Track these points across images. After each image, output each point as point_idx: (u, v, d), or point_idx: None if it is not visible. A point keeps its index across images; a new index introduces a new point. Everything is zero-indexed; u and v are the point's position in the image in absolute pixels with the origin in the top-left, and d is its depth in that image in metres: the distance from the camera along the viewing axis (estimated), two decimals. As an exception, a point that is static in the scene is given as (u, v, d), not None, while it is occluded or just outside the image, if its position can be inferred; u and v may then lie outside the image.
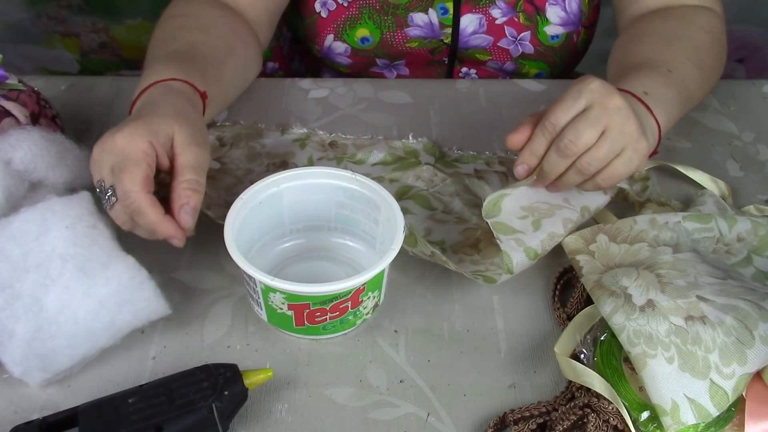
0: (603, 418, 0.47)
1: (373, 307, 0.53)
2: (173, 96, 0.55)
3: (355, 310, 0.51)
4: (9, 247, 0.50)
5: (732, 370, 0.46)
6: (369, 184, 0.55)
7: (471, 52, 0.83)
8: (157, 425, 0.44)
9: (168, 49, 0.63)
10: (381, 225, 0.56)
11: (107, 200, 0.50)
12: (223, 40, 0.67)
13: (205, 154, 0.53)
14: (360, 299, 0.50)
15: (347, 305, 0.50)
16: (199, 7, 0.69)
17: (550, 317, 0.56)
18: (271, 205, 0.56)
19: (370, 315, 0.54)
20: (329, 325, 0.52)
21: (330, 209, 0.58)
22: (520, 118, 0.75)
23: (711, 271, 0.53)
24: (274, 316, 0.51)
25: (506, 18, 0.79)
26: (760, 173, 0.70)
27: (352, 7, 0.79)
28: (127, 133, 0.49)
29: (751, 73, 1.55)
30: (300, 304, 0.49)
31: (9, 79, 0.63)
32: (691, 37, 0.68)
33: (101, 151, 0.50)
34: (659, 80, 0.62)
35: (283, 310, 0.50)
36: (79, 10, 1.43)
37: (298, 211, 0.58)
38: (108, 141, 0.50)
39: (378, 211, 0.55)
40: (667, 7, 0.73)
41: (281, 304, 0.49)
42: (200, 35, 0.66)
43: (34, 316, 0.48)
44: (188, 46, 0.64)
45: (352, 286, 0.48)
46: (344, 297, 0.49)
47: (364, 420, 0.49)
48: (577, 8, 0.80)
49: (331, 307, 0.49)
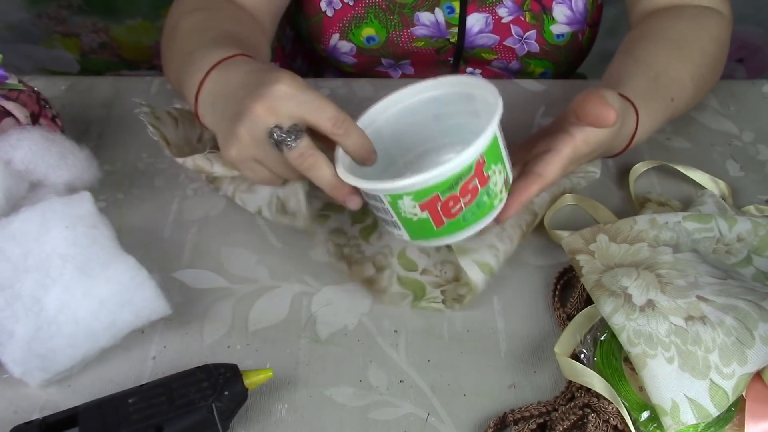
0: (603, 418, 0.47)
1: (504, 183, 0.51)
2: (252, 62, 0.55)
3: (486, 189, 0.49)
4: (9, 247, 0.50)
5: (732, 370, 0.46)
6: (453, 80, 0.53)
7: (477, 52, 0.83)
8: (157, 425, 0.44)
9: (209, 36, 0.62)
10: (480, 114, 0.54)
11: (291, 143, 0.50)
12: (252, 31, 0.68)
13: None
14: (485, 174, 0.48)
15: (476, 184, 0.48)
16: (215, 2, 0.69)
17: (550, 317, 0.56)
18: (377, 143, 0.53)
19: (504, 193, 0.52)
20: (468, 214, 0.49)
21: (429, 125, 0.56)
22: (520, 118, 0.75)
23: (711, 271, 0.53)
24: (413, 227, 0.50)
25: (513, 17, 0.79)
26: (760, 173, 0.70)
27: (358, 6, 0.79)
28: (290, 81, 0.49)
29: (751, 73, 1.55)
30: (430, 200, 0.47)
31: (9, 79, 0.63)
32: (700, 47, 0.68)
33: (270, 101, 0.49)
34: (663, 108, 0.63)
35: (418, 216, 0.49)
36: (79, 10, 1.43)
37: (402, 140, 0.56)
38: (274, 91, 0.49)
39: (473, 102, 0.54)
40: (679, 6, 0.73)
41: (413, 209, 0.48)
42: (234, 25, 0.66)
43: (34, 316, 0.48)
44: (228, 33, 0.63)
45: (469, 159, 0.46)
46: (468, 175, 0.47)
47: (364, 420, 0.49)
48: (583, 7, 0.80)
49: (460, 189, 0.47)
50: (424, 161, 0.58)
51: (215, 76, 0.55)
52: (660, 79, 0.63)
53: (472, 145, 0.46)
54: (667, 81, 0.64)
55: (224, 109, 0.53)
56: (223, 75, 0.55)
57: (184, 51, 0.62)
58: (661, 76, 0.64)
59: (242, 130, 0.50)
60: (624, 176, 0.68)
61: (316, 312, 0.56)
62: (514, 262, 0.60)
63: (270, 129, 0.50)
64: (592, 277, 0.54)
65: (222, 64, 0.56)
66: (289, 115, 0.49)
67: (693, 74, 0.66)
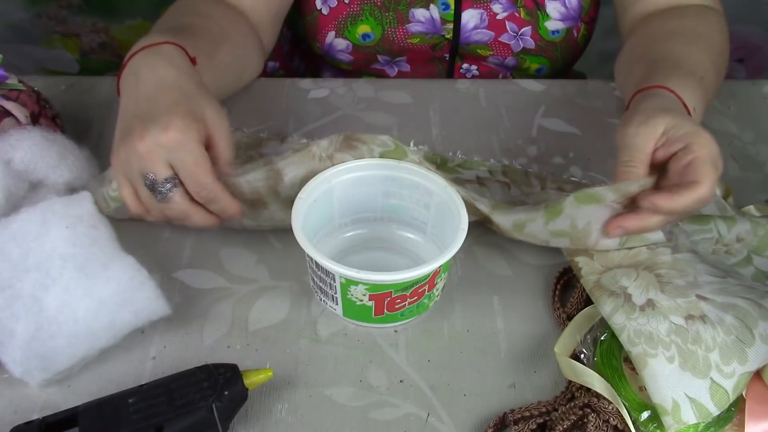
0: (603, 418, 0.47)
1: (443, 287, 0.54)
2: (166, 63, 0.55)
3: (431, 293, 0.53)
4: (9, 247, 0.50)
5: (732, 369, 0.46)
6: (419, 170, 0.55)
7: (472, 48, 0.83)
8: (157, 425, 0.44)
9: (162, 28, 0.63)
10: (433, 209, 0.56)
11: (164, 193, 0.51)
12: (218, 25, 0.68)
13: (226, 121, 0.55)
14: (435, 281, 0.52)
15: (425, 288, 0.51)
16: (203, 2, 0.70)
17: (550, 317, 0.56)
18: (324, 201, 0.56)
19: (440, 296, 0.55)
20: (407, 311, 0.53)
21: (377, 199, 0.59)
22: (520, 118, 0.75)
23: (710, 270, 0.53)
24: (352, 309, 0.52)
25: (507, 13, 0.80)
26: (760, 173, 0.70)
27: (353, 3, 0.79)
28: (181, 127, 0.50)
29: (751, 73, 1.55)
30: (382, 294, 0.50)
31: (9, 79, 0.63)
32: (711, 38, 0.69)
33: (153, 145, 0.50)
34: (695, 85, 0.62)
35: (363, 302, 0.51)
36: (79, 10, 1.43)
37: (347, 204, 0.58)
38: (160, 136, 0.49)
39: (429, 196, 0.56)
40: (675, 7, 0.73)
41: (362, 296, 0.50)
42: (197, 19, 0.66)
43: (34, 316, 0.48)
44: (182, 24, 0.64)
45: (433, 269, 0.49)
46: (424, 281, 0.50)
47: (364, 420, 0.49)
48: (576, 3, 0.80)
49: (411, 292, 0.50)
50: (359, 227, 0.61)
51: (133, 63, 0.55)
52: (683, 65, 0.63)
53: (443, 255, 0.49)
54: (699, 76, 0.63)
55: (124, 111, 0.54)
56: (138, 65, 0.55)
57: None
58: (694, 70, 0.63)
59: (122, 153, 0.51)
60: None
61: (316, 312, 0.56)
62: (514, 262, 0.60)
63: (145, 173, 0.51)
64: (591, 277, 0.54)
65: (143, 51, 0.56)
66: (166, 165, 0.51)
67: (713, 60, 0.66)
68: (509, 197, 0.64)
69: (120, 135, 0.52)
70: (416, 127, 0.74)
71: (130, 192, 0.53)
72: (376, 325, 0.54)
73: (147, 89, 0.53)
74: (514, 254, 0.60)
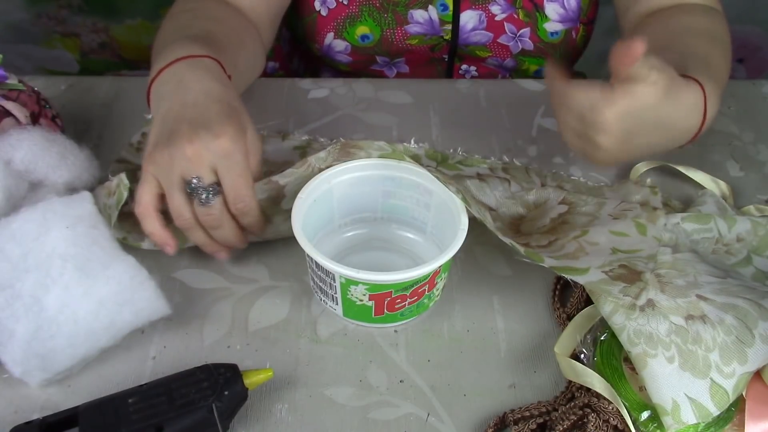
0: (603, 418, 0.47)
1: (443, 287, 0.54)
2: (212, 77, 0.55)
3: (431, 293, 0.53)
4: (9, 247, 0.50)
5: (732, 369, 0.46)
6: (419, 170, 0.55)
7: (471, 49, 0.83)
8: (157, 425, 0.44)
9: (185, 34, 0.63)
10: (433, 209, 0.57)
11: (205, 198, 0.51)
12: (235, 32, 0.67)
13: (260, 143, 0.56)
14: (435, 281, 0.52)
15: (425, 288, 0.51)
16: (207, 3, 0.69)
17: (550, 317, 0.56)
18: (324, 202, 0.56)
19: (440, 296, 0.55)
20: (407, 311, 0.53)
21: (377, 199, 0.59)
22: (520, 118, 0.75)
23: (710, 270, 0.53)
24: (352, 309, 0.52)
25: (506, 14, 0.80)
26: (760, 173, 0.70)
27: (352, 4, 0.79)
28: (233, 137, 0.51)
29: (751, 73, 1.55)
30: (382, 294, 0.50)
31: (9, 79, 0.63)
32: (724, 40, 0.68)
33: (203, 150, 0.50)
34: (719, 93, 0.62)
35: (363, 302, 0.51)
36: (79, 10, 1.43)
37: (347, 205, 0.59)
38: (211, 142, 0.50)
39: (429, 196, 0.56)
40: (679, 5, 0.72)
41: (362, 296, 0.50)
42: (215, 25, 0.66)
43: (34, 316, 0.48)
44: (206, 32, 0.63)
45: (433, 269, 0.49)
46: (424, 281, 0.50)
47: (364, 420, 0.49)
48: (575, 5, 0.80)
49: (411, 292, 0.51)
50: (359, 227, 0.61)
51: (174, 70, 0.56)
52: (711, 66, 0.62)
53: (442, 255, 0.49)
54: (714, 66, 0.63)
55: (166, 113, 0.53)
56: (181, 72, 0.55)
57: (161, 44, 0.63)
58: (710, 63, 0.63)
59: (165, 155, 0.51)
60: (625, 176, 0.68)
61: (316, 312, 0.56)
62: (514, 262, 0.60)
63: (190, 177, 0.51)
64: (592, 277, 0.54)
65: (185, 61, 0.56)
66: (212, 171, 0.51)
67: (727, 63, 0.66)
68: (509, 193, 0.65)
69: (161, 136, 0.52)
70: (416, 127, 0.74)
71: (151, 192, 0.52)
72: (376, 325, 0.54)
73: (195, 97, 0.53)
74: (515, 254, 0.60)
